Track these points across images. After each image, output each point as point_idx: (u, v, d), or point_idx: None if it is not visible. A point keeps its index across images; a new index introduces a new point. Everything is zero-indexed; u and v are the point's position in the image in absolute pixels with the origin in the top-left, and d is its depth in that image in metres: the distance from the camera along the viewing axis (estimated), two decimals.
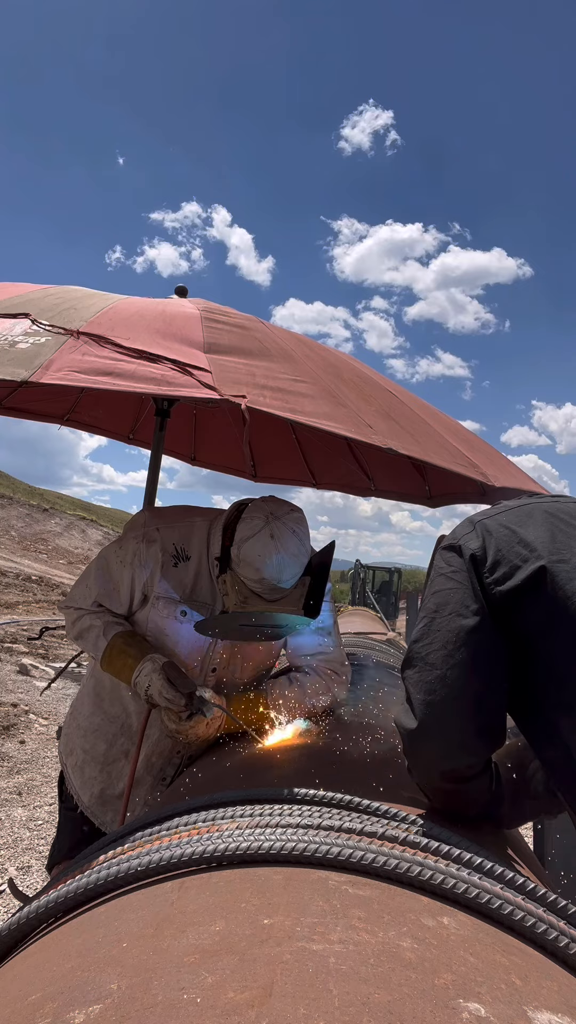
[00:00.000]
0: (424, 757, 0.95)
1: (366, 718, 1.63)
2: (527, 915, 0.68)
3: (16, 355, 1.12)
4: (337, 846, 0.74)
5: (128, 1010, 0.49)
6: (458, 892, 0.69)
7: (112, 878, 0.77)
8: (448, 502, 2.51)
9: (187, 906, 0.66)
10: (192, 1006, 0.48)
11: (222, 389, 1.14)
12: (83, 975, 0.57)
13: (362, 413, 1.33)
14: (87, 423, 2.88)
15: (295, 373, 1.36)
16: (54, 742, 4.79)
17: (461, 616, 0.92)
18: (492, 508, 1.06)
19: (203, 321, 1.45)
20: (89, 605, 1.62)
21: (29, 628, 9.49)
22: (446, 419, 1.89)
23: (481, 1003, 0.51)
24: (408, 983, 0.52)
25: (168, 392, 1.12)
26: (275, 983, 0.50)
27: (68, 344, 1.17)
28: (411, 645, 0.98)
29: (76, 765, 1.75)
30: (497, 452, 1.92)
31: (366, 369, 1.87)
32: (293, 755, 1.28)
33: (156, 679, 1.42)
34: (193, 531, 1.58)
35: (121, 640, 1.54)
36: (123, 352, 1.18)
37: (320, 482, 2.99)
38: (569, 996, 0.58)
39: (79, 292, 1.58)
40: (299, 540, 1.40)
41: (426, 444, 1.42)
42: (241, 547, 1.39)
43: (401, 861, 0.72)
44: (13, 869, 3.04)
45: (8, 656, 7.34)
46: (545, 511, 1.00)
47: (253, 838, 0.76)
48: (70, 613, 1.64)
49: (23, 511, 24.60)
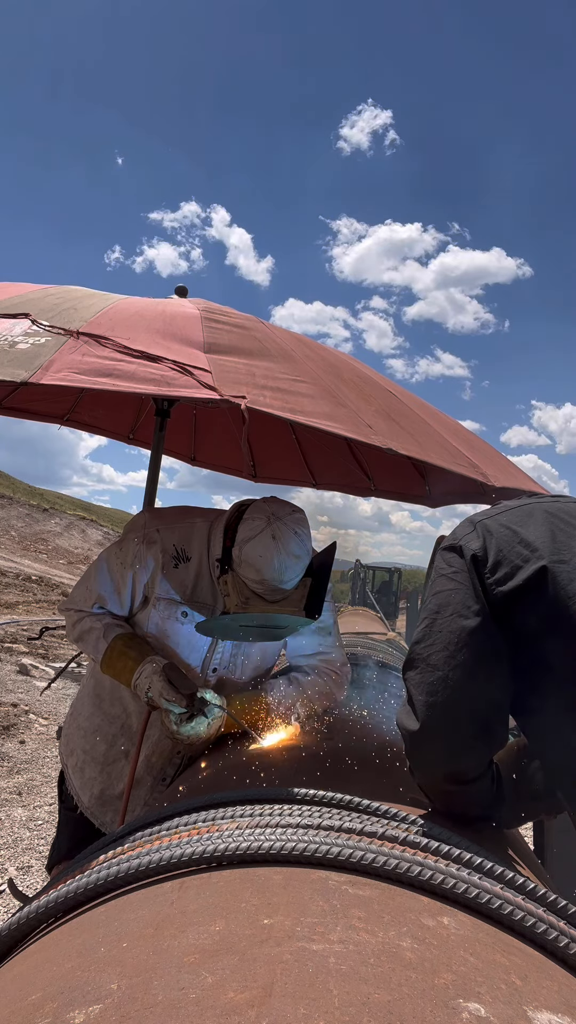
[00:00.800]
0: (426, 759, 0.94)
1: (366, 718, 1.63)
2: (527, 915, 0.68)
3: (16, 356, 1.12)
4: (337, 846, 0.74)
5: (128, 1010, 0.49)
6: (458, 892, 0.69)
7: (112, 878, 0.77)
8: (448, 502, 2.51)
9: (187, 906, 0.66)
10: (192, 1006, 0.48)
11: (222, 389, 1.14)
12: (83, 975, 0.57)
13: (362, 413, 1.33)
14: (87, 423, 2.89)
15: (295, 373, 1.36)
16: (54, 742, 4.79)
17: (463, 617, 0.92)
18: (492, 508, 1.06)
19: (203, 321, 1.45)
20: (90, 607, 1.61)
21: (29, 628, 9.49)
22: (446, 419, 1.89)
23: (481, 1003, 0.51)
24: (408, 983, 0.52)
25: (168, 392, 1.12)
26: (275, 983, 0.50)
27: (68, 345, 1.17)
28: (413, 646, 0.97)
29: (76, 766, 1.75)
30: (497, 452, 1.92)
31: (366, 369, 1.87)
32: (293, 755, 1.28)
33: (157, 680, 1.41)
34: (193, 532, 1.58)
35: (121, 642, 1.54)
36: (123, 352, 1.18)
37: (320, 482, 2.99)
38: (569, 996, 0.58)
39: (79, 292, 1.58)
40: (301, 541, 1.39)
41: (426, 444, 1.42)
42: (243, 548, 1.38)
43: (401, 861, 0.72)
44: (13, 869, 3.04)
45: (8, 656, 7.34)
46: (545, 511, 0.99)
47: (253, 838, 0.76)
48: (71, 615, 1.64)
49: (23, 511, 24.61)
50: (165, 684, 1.40)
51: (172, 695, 1.38)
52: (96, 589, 1.61)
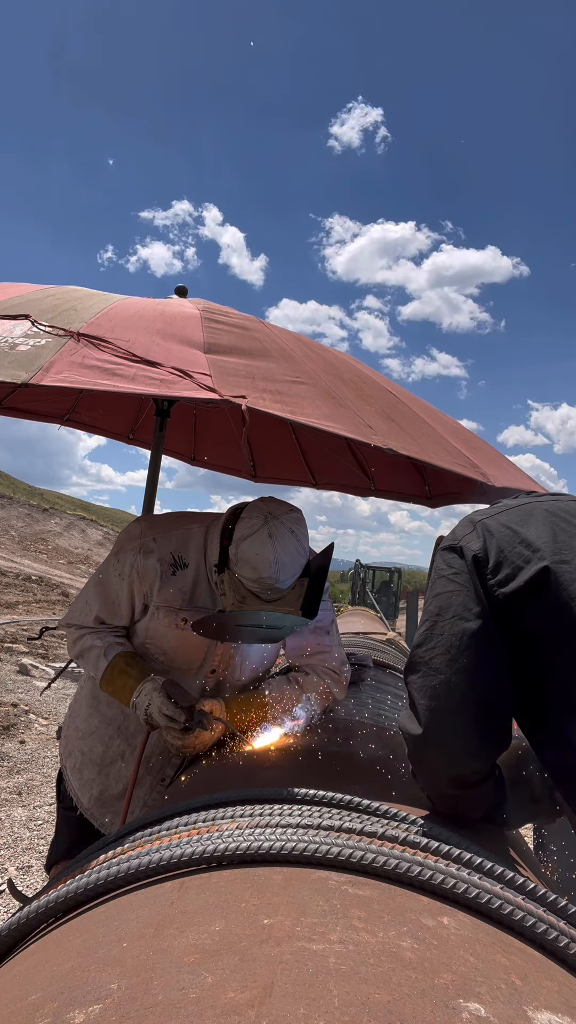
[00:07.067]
0: (430, 763, 0.94)
1: (365, 718, 1.63)
2: (527, 915, 0.68)
3: (16, 357, 1.12)
4: (337, 846, 0.74)
5: (128, 1010, 0.49)
6: (458, 892, 0.69)
7: (112, 878, 0.77)
8: (448, 502, 2.50)
9: (187, 906, 0.66)
10: (192, 1006, 0.48)
11: (222, 390, 1.14)
12: (83, 975, 0.57)
13: (362, 413, 1.33)
14: (87, 423, 2.88)
15: (295, 373, 1.35)
16: (54, 742, 4.79)
17: (464, 620, 0.91)
18: (492, 507, 1.05)
19: (203, 321, 1.45)
20: (90, 622, 1.61)
21: (29, 628, 9.48)
22: (446, 419, 1.88)
23: (481, 1003, 0.51)
24: (408, 983, 0.52)
25: (168, 393, 1.12)
26: (275, 983, 0.50)
27: (68, 346, 1.17)
28: (414, 650, 0.97)
29: (75, 767, 1.75)
30: (497, 452, 1.92)
31: (366, 369, 1.87)
32: (292, 755, 1.28)
33: (156, 697, 1.42)
34: (190, 538, 1.58)
35: (123, 660, 1.54)
36: (122, 357, 1.17)
37: (320, 482, 2.99)
38: (569, 996, 0.58)
39: (79, 292, 1.58)
40: (297, 540, 1.39)
41: (426, 444, 1.42)
42: (239, 546, 1.38)
43: (401, 861, 0.72)
44: (13, 869, 3.04)
45: (8, 656, 7.34)
46: (546, 510, 0.99)
47: (253, 838, 0.76)
48: (71, 632, 1.64)
49: (23, 511, 24.60)
50: (164, 699, 1.40)
51: (171, 709, 1.39)
52: (95, 603, 1.61)
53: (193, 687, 1.61)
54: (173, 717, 1.39)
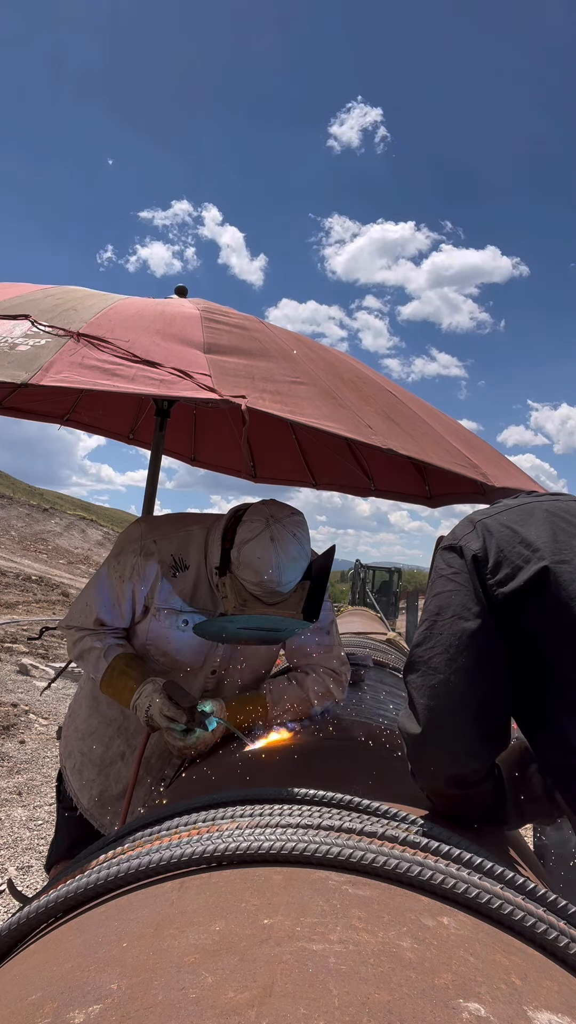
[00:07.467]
0: (429, 763, 0.94)
1: (365, 718, 1.63)
2: (527, 915, 0.68)
3: (16, 357, 1.12)
4: (337, 846, 0.74)
5: (128, 1010, 0.49)
6: (458, 892, 0.69)
7: (112, 878, 0.77)
8: (448, 502, 2.51)
9: (187, 906, 0.66)
10: (192, 1006, 0.48)
11: (222, 390, 1.14)
12: (83, 975, 0.57)
13: (362, 413, 1.33)
14: (87, 423, 2.89)
15: (295, 374, 1.36)
16: (54, 742, 4.79)
17: (463, 619, 0.91)
18: (491, 507, 1.05)
19: (203, 321, 1.45)
20: (90, 624, 1.61)
21: (29, 628, 9.48)
22: (446, 419, 1.89)
23: (481, 1003, 0.51)
24: (408, 983, 0.52)
25: (168, 393, 1.12)
26: (275, 983, 0.50)
27: (68, 346, 1.17)
28: (413, 649, 0.97)
29: (75, 767, 1.75)
30: (497, 452, 1.92)
31: (366, 369, 1.87)
32: (293, 755, 1.28)
33: (157, 698, 1.41)
34: (190, 540, 1.58)
35: (123, 662, 1.54)
36: (123, 354, 1.17)
37: (320, 482, 2.99)
38: (569, 996, 0.58)
39: (79, 292, 1.58)
40: (299, 544, 1.39)
41: (426, 444, 1.42)
42: (241, 549, 1.38)
43: (401, 861, 0.72)
44: (13, 869, 3.04)
45: (8, 656, 7.34)
46: (546, 510, 0.99)
47: (253, 838, 0.76)
48: (71, 634, 1.64)
49: (23, 511, 24.60)
50: (165, 700, 1.40)
51: (172, 711, 1.39)
52: (96, 605, 1.60)
53: (194, 688, 1.61)
54: (174, 718, 1.39)
